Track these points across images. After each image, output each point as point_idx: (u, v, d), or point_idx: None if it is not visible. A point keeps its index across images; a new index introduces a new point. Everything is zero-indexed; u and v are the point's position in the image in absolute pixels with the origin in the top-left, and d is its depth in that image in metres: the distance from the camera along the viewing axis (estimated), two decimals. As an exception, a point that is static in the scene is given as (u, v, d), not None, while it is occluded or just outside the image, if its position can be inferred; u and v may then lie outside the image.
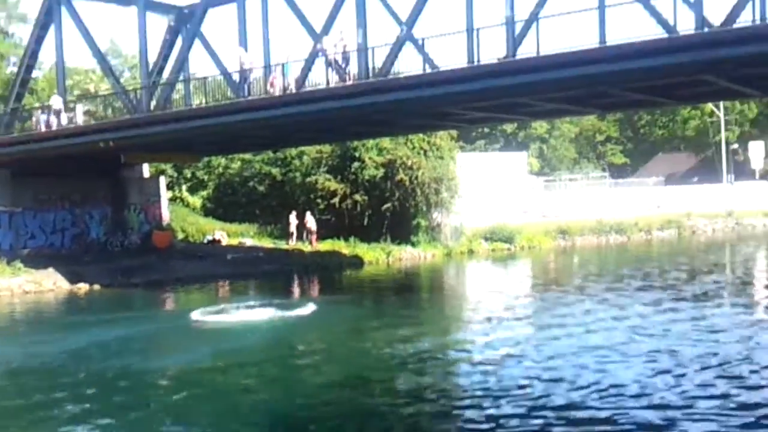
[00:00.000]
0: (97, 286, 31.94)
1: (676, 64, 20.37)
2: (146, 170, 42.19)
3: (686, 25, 20.07)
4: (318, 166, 43.61)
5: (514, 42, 22.68)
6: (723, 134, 74.69)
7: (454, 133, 46.08)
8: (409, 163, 41.07)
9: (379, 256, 40.44)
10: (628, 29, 20.58)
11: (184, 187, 51.35)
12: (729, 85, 23.56)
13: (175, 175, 50.63)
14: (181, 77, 31.88)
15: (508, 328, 20.66)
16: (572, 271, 37.11)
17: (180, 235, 43.41)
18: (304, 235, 41.94)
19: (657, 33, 20.33)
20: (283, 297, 27.36)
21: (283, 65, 27.14)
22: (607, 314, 22.11)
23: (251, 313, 23.31)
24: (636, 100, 26.76)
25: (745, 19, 19.42)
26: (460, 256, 43.22)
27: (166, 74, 33.91)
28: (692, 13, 19.98)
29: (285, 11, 27.28)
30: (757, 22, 19.28)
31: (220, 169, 50.83)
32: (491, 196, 50.88)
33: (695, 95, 28.06)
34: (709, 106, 74.13)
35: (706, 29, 19.70)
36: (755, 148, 74.22)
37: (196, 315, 23.23)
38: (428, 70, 24.19)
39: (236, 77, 28.34)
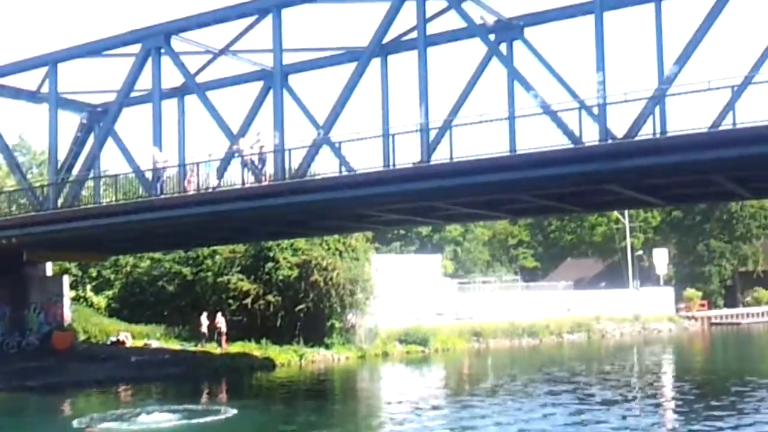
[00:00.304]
0: (-13, 390, 30.10)
1: (581, 173, 21.33)
2: (49, 268, 40.74)
3: (591, 137, 21.13)
4: (231, 265, 43.02)
5: (429, 148, 23.34)
6: (628, 241, 77.56)
7: (369, 234, 46.41)
8: (324, 264, 40.95)
9: (291, 359, 39.66)
10: (537, 139, 21.53)
11: (88, 287, 49.65)
12: (633, 194, 24.67)
13: (80, 273, 49.01)
14: (92, 174, 31.42)
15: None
16: (485, 375, 37.15)
17: (82, 336, 41.72)
18: (215, 336, 40.94)
19: (564, 143, 21.29)
20: (188, 402, 26.32)
21: (197, 164, 27.13)
22: (517, 418, 22.14)
23: (150, 420, 22.22)
24: (545, 206, 27.70)
25: (646, 132, 20.61)
26: (375, 359, 42.83)
27: (75, 171, 33.35)
28: (596, 125, 21.06)
29: (201, 111, 27.51)
30: (658, 135, 20.51)
31: (128, 268, 49.50)
32: (406, 298, 51.01)
33: (601, 203, 29.24)
34: (615, 213, 77.12)
35: (609, 141, 20.75)
36: (659, 254, 77.26)
37: (80, 422, 21.97)
38: (344, 173, 24.56)
39: (149, 175, 28.11)
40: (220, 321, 40.81)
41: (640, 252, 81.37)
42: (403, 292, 50.54)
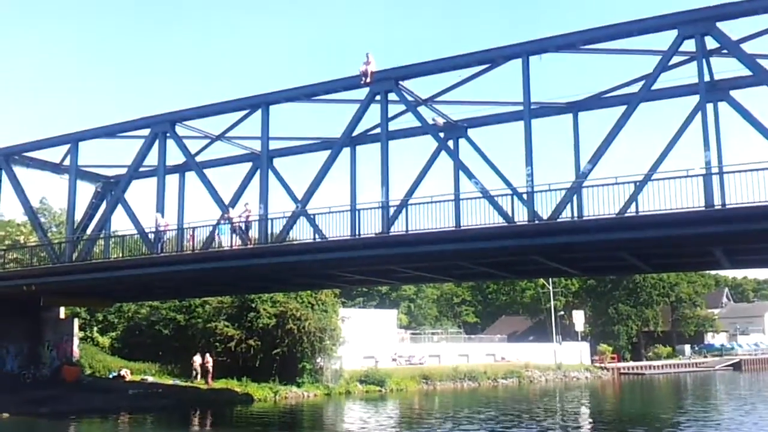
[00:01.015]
0: (6, 414, 28.95)
1: (513, 246, 21.53)
2: (62, 312, 39.73)
3: (521, 217, 21.40)
4: (218, 314, 42.35)
5: (389, 221, 23.45)
6: (552, 303, 77.89)
7: (337, 291, 46.10)
8: (298, 314, 40.53)
9: (267, 395, 38.82)
10: (478, 217, 21.76)
11: (95, 329, 48.36)
12: (555, 265, 24.92)
13: (88, 317, 47.78)
14: (103, 234, 30.99)
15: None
16: (433, 410, 36.60)
17: (88, 371, 40.49)
18: (203, 373, 39.99)
19: (499, 222, 21.54)
20: (178, 429, 25.49)
21: (194, 228, 26.92)
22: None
23: None
24: (484, 272, 27.83)
25: (566, 216, 20.94)
26: (339, 396, 42.04)
27: (89, 231, 32.85)
28: (526, 208, 21.37)
29: (199, 185, 27.50)
30: (575, 218, 20.86)
31: (130, 314, 48.46)
32: (367, 345, 50.43)
33: (529, 271, 29.47)
34: (542, 280, 77.64)
35: (536, 221, 21.04)
36: (577, 315, 77.62)
37: None
38: (318, 240, 24.51)
39: (152, 236, 27.79)
40: (209, 361, 39.96)
41: (562, 312, 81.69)
42: (364, 340, 50.01)
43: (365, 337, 50.50)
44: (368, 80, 24.24)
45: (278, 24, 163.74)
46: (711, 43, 20.51)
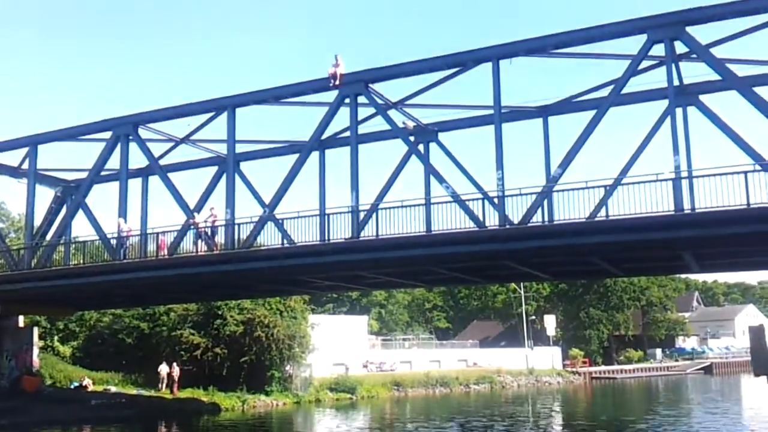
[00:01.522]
0: (-39, 428, 28.19)
1: (484, 251, 21.63)
2: (21, 320, 38.85)
3: (492, 222, 21.50)
4: (184, 321, 41.79)
5: (358, 226, 23.40)
6: (524, 307, 78.49)
7: (306, 297, 45.84)
8: (266, 321, 40.18)
9: (235, 404, 38.35)
10: (448, 222, 21.82)
11: (56, 337, 47.41)
12: (526, 270, 25.07)
13: (49, 326, 46.83)
14: (63, 240, 30.42)
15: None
16: (404, 418, 36.56)
17: (48, 381, 39.59)
18: (169, 383, 39.43)
19: (470, 227, 21.61)
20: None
21: (163, 234, 26.59)
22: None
23: None
24: (455, 277, 27.92)
25: (536, 220, 21.08)
26: (309, 405, 41.74)
27: (48, 237, 32.22)
28: (497, 213, 21.47)
29: (162, 190, 27.16)
30: (546, 222, 21.01)
31: (92, 322, 47.61)
32: (337, 352, 50.21)
33: (501, 276, 29.69)
34: (513, 284, 78.16)
35: (507, 226, 21.15)
36: (549, 320, 78.27)
37: None
38: (286, 245, 24.35)
39: (114, 242, 27.37)
40: (175, 370, 39.43)
41: (534, 317, 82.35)
42: (334, 347, 49.79)
43: (335, 343, 50.29)
44: (337, 83, 24.20)
45: (244, 28, 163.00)
46: (680, 48, 20.84)
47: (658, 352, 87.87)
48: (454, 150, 25.41)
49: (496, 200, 21.57)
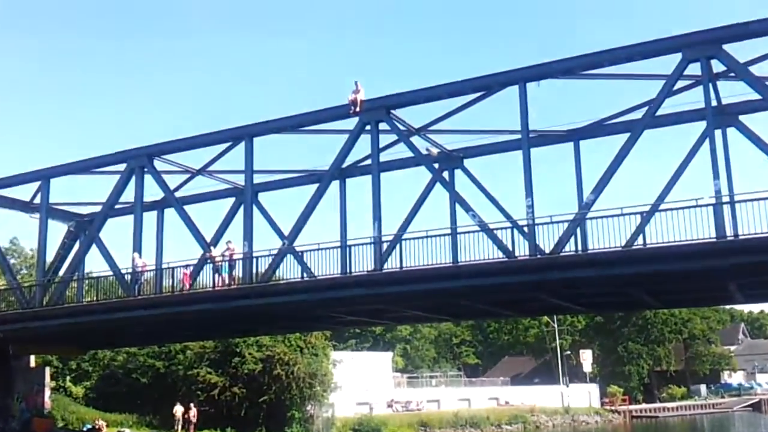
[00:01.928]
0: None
1: (514, 283, 21.47)
2: (32, 360, 39.17)
3: (522, 252, 21.37)
4: (200, 360, 41.86)
5: (381, 258, 23.37)
6: (558, 342, 77.52)
7: (328, 333, 45.72)
8: (286, 359, 40.12)
9: (254, 447, 38.25)
10: (476, 252, 21.73)
11: (68, 378, 47.74)
12: (559, 302, 24.85)
13: (61, 365, 47.18)
14: (76, 276, 30.73)
15: None
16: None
17: (60, 423, 39.77)
18: (185, 424, 39.35)
19: (499, 257, 21.50)
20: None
21: (172, 269, 26.78)
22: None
23: None
24: (484, 310, 27.70)
25: (569, 249, 20.93)
26: (330, 448, 41.46)
27: (61, 273, 32.56)
28: (527, 242, 21.35)
29: (178, 223, 27.41)
30: (579, 252, 20.85)
31: (105, 361, 47.87)
32: (360, 390, 49.87)
33: (532, 309, 29.40)
34: (546, 317, 77.37)
35: (538, 255, 21.01)
36: (585, 355, 77.22)
37: None
38: (306, 278, 24.36)
39: (128, 278, 27.61)
40: (192, 411, 39.37)
41: (568, 352, 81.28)
42: (357, 385, 49.48)
43: (359, 382, 49.99)
44: (357, 109, 24.39)
45: (261, 53, 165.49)
46: (717, 66, 20.74)
47: (703, 388, 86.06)
48: (481, 177, 25.46)
49: (526, 229, 21.45)
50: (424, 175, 25.19)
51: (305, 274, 24.41)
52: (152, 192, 29.25)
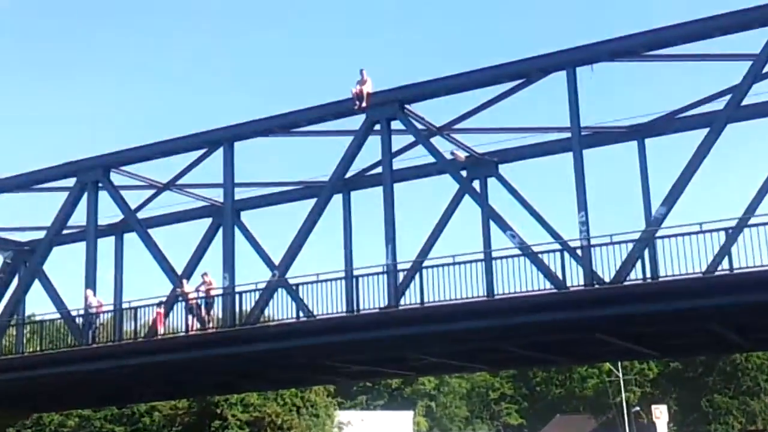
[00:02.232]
0: None
1: (566, 320, 21.33)
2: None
3: (576, 281, 21.26)
4: (172, 424, 42.06)
5: (397, 291, 23.31)
6: (623, 396, 76.87)
7: (331, 387, 45.71)
8: (279, 421, 40.27)
9: None
10: (516, 283, 21.61)
11: (6, 449, 47.91)
12: (624, 345, 24.62)
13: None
14: (14, 321, 30.82)
15: None
16: None
17: None
18: None
19: (546, 288, 21.40)
20: None
21: (136, 309, 26.86)
22: None
23: None
24: (528, 356, 27.48)
25: (635, 277, 20.79)
26: None
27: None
28: (581, 268, 21.23)
29: (142, 251, 27.49)
30: (648, 280, 20.70)
31: (53, 427, 48.00)
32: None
33: (590, 354, 29.21)
34: (608, 365, 76.78)
35: (596, 285, 20.89)
36: (659, 411, 76.42)
37: None
38: (303, 318, 24.35)
39: (80, 321, 27.65)
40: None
41: (637, 408, 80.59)
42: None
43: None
44: (364, 104, 24.48)
45: (240, 44, 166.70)
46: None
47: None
48: (521, 186, 25.41)
49: (579, 252, 21.37)
50: (448, 185, 25.23)
51: (301, 314, 24.39)
52: (109, 213, 29.43)
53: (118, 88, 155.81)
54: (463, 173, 25.26)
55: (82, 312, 27.69)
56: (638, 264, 20.92)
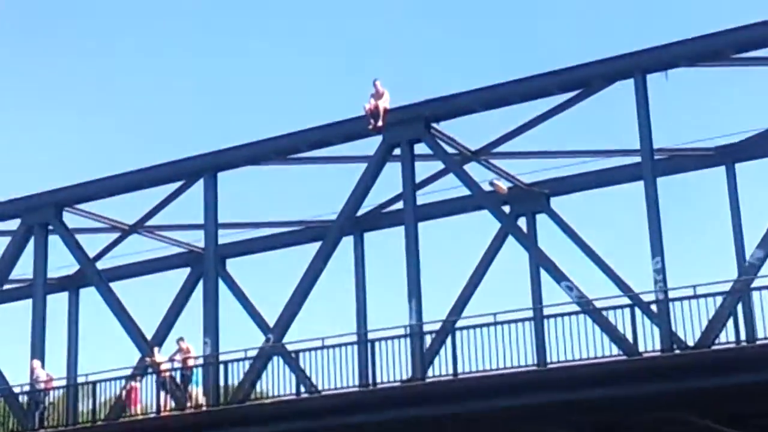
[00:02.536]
0: None
1: (638, 395, 21.07)
2: None
3: (651, 344, 21.06)
4: None
5: (423, 359, 23.18)
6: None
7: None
8: None
9: None
10: (574, 347, 21.41)
11: None
12: (716, 427, 24.34)
13: None
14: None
15: None
16: None
17: None
18: None
19: (613, 354, 21.23)
20: None
21: (92, 384, 26.79)
22: None
23: None
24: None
25: (724, 340, 20.57)
26: None
27: None
28: (657, 328, 21.04)
29: (102, 309, 27.55)
30: (743, 343, 20.46)
31: None
32: None
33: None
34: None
35: (676, 350, 20.71)
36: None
37: None
38: (304, 395, 24.26)
39: (25, 401, 27.69)
40: None
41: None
42: None
43: None
44: (380, 123, 24.53)
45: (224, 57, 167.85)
46: None
47: None
48: (577, 225, 25.31)
49: (654, 307, 21.27)
50: (487, 224, 25.19)
51: (303, 388, 24.30)
52: (62, 262, 29.51)
53: (73, 109, 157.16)
54: (506, 209, 25.21)
55: (27, 389, 27.73)
56: (729, 322, 20.69)
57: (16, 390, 28.09)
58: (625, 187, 24.94)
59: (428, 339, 23.64)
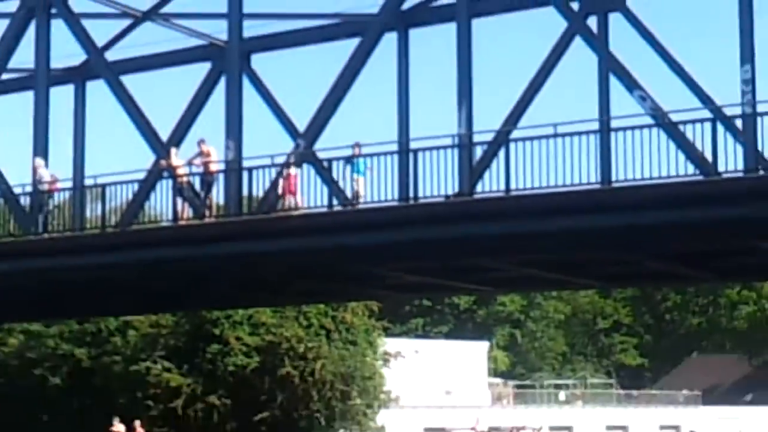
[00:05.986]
0: None
1: (716, 219, 21.16)
2: None
3: (732, 164, 21.03)
4: (152, 347, 42.94)
5: (472, 172, 23.33)
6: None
7: (375, 305, 46.21)
8: (302, 349, 40.90)
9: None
10: (645, 165, 21.45)
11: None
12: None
13: None
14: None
15: None
16: None
17: None
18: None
19: (688, 173, 21.25)
20: None
21: (103, 186, 27.15)
22: None
23: None
24: (657, 270, 27.55)
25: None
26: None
27: None
28: (740, 146, 20.98)
29: (112, 105, 27.75)
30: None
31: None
32: (433, 406, 50.76)
33: (746, 269, 29.05)
34: (768, 285, 76.79)
35: (761, 171, 20.71)
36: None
37: None
38: (337, 207, 24.58)
39: (27, 202, 28.25)
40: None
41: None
42: (427, 397, 50.32)
43: (430, 391, 50.82)
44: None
45: None
46: None
47: None
48: (657, 27, 24.87)
49: (739, 123, 21.14)
50: (552, 22, 24.85)
51: (335, 201, 24.59)
52: (67, 51, 29.53)
53: None
54: (574, 5, 24.83)
55: (29, 189, 28.21)
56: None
57: (17, 191, 28.59)
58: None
59: (479, 150, 23.65)
